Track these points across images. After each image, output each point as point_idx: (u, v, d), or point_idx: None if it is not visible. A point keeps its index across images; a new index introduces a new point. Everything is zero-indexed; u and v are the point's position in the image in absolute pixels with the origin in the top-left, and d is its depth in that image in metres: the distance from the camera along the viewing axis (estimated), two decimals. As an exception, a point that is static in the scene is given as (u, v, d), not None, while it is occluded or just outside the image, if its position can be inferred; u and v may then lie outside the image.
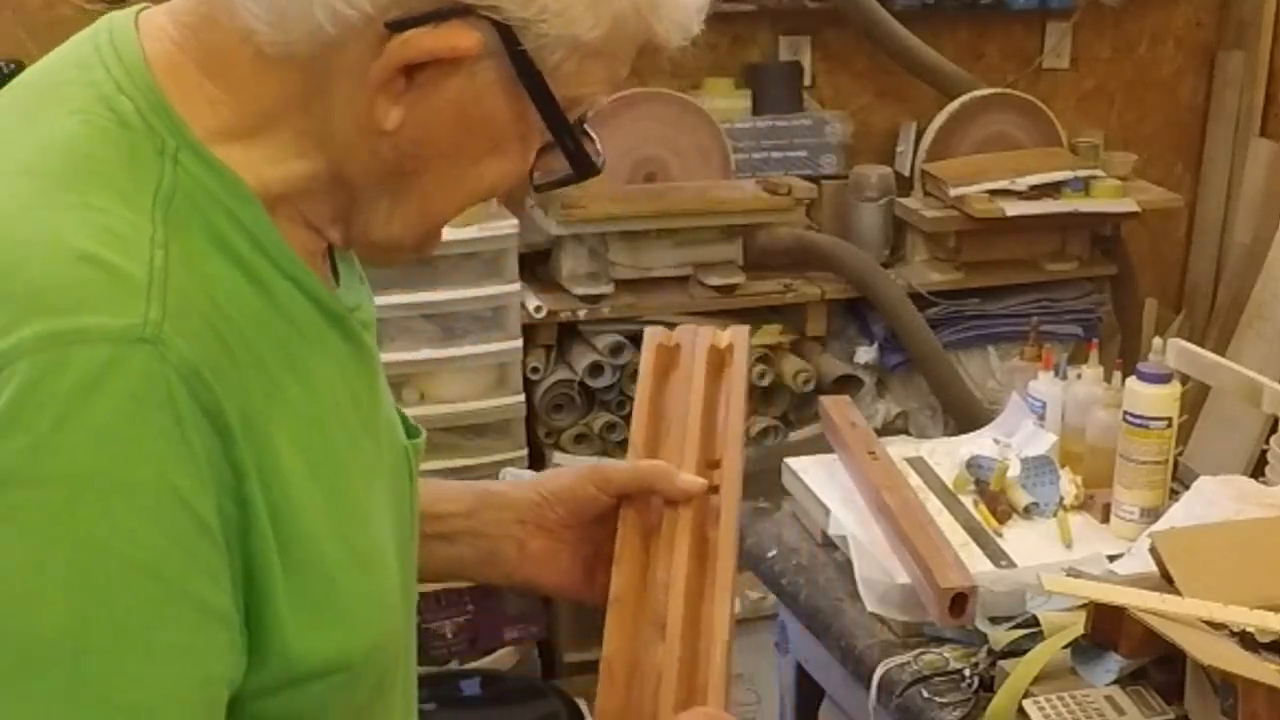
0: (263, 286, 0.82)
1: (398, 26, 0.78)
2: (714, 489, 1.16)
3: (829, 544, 1.90)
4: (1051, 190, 3.20)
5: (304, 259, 0.85)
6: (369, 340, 0.93)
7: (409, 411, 1.05)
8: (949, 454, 2.06)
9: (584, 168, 0.86)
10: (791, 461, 2.03)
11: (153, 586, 0.74)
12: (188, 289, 0.76)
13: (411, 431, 1.01)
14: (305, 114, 0.82)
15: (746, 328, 1.31)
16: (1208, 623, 1.54)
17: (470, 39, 0.79)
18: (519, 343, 2.90)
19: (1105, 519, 1.91)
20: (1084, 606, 1.58)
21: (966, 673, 1.62)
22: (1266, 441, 2.14)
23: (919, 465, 2.04)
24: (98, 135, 0.80)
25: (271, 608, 0.79)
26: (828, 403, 2.13)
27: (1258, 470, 2.14)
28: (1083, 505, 1.94)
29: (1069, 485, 1.95)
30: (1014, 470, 1.96)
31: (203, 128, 0.81)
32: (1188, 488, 1.90)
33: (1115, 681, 1.56)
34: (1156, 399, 1.84)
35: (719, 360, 1.27)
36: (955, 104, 3.30)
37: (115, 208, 0.77)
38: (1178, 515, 1.83)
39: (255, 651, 0.79)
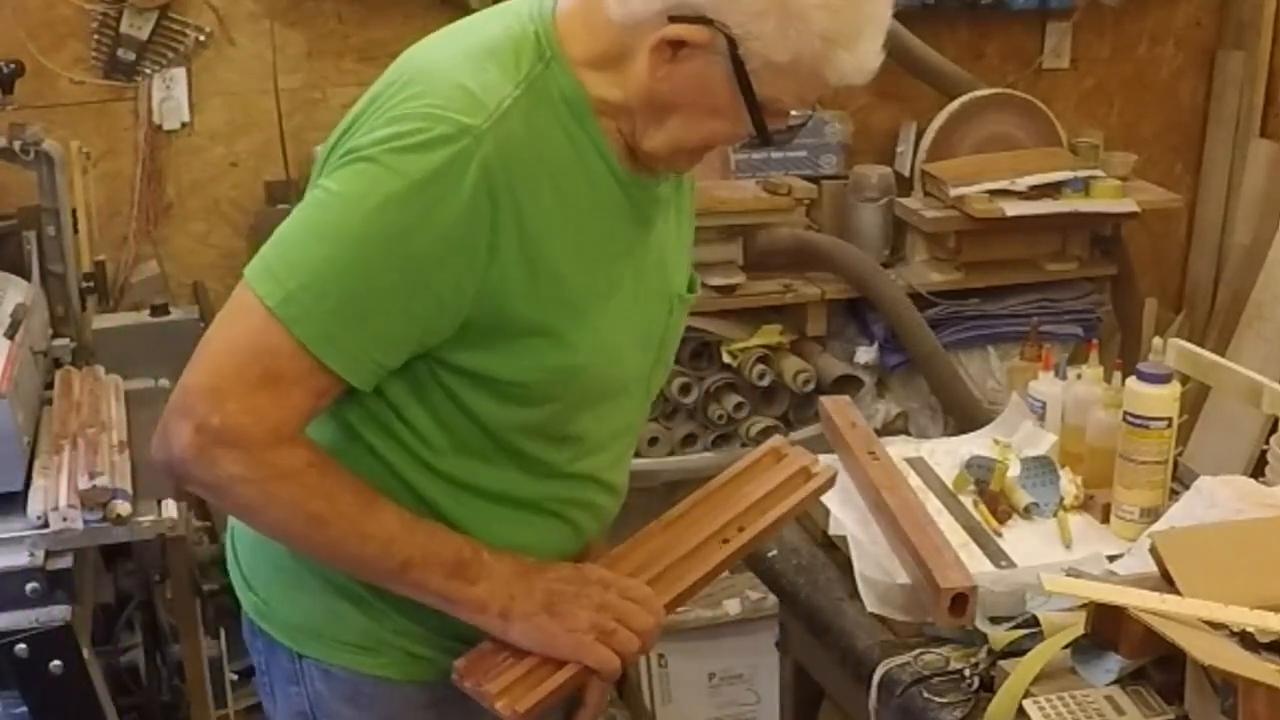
0: (575, 145, 1.35)
1: (671, 19, 1.29)
2: (725, 540, 1.57)
3: (829, 544, 1.90)
4: (1051, 190, 3.20)
5: (616, 148, 1.38)
6: (653, 209, 1.46)
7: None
8: (949, 454, 2.07)
9: (765, 139, 1.36)
10: (791, 461, 2.03)
11: (414, 267, 1.28)
12: (515, 126, 1.30)
13: (690, 286, 1.58)
14: (623, 59, 1.34)
15: (835, 473, 1.70)
16: (1208, 623, 1.54)
17: (702, 36, 1.29)
18: (519, 343, 2.90)
19: (1105, 519, 1.91)
20: (1084, 606, 1.58)
21: (966, 673, 1.62)
22: (1266, 441, 2.14)
23: (919, 465, 2.04)
24: (506, 38, 1.35)
25: (507, 293, 1.32)
26: (828, 403, 2.13)
27: (1258, 470, 2.14)
28: (1083, 505, 1.94)
29: (1069, 485, 1.95)
30: (1014, 470, 1.96)
31: (573, 54, 1.35)
32: (1188, 488, 1.90)
33: (1115, 681, 1.56)
34: (1156, 399, 1.84)
35: (803, 475, 1.66)
36: (955, 104, 3.30)
37: (495, 73, 1.32)
38: (1178, 515, 1.83)
39: (482, 321, 1.33)
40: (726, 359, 3.08)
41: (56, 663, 2.09)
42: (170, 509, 2.17)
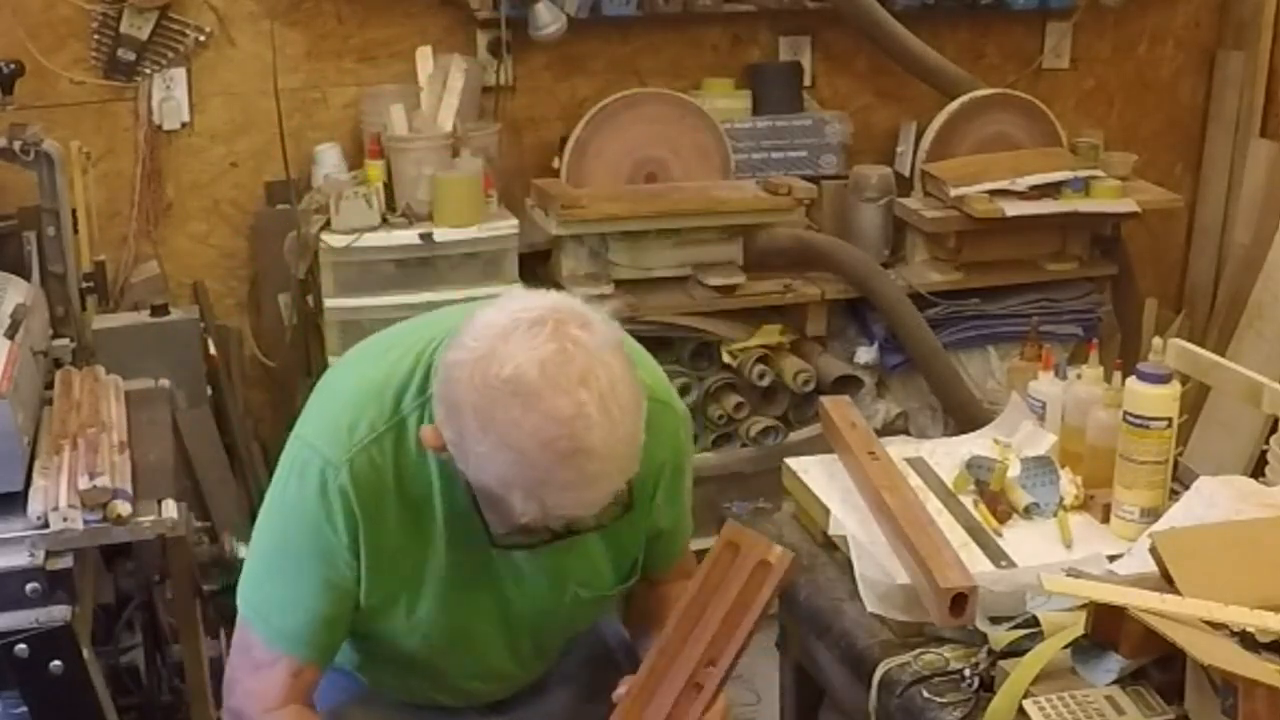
0: (425, 475, 1.57)
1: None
2: (698, 686, 1.60)
3: (829, 544, 1.90)
4: (1051, 190, 3.20)
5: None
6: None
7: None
8: (949, 454, 2.07)
9: (488, 536, 1.55)
10: (791, 461, 2.03)
11: (306, 566, 1.60)
12: (373, 456, 1.56)
13: (626, 575, 1.73)
14: None
15: (794, 556, 1.62)
16: (1208, 623, 1.54)
17: (438, 442, 1.48)
18: (519, 343, 2.90)
19: (1105, 519, 1.91)
20: (1084, 606, 1.58)
21: (966, 673, 1.62)
22: (1266, 441, 2.14)
23: (919, 465, 2.04)
24: (403, 376, 1.57)
25: (361, 585, 1.62)
26: (828, 403, 2.13)
27: (1258, 470, 2.14)
28: (1083, 505, 1.94)
29: (1069, 485, 1.95)
30: (1014, 470, 1.96)
31: None
32: (1188, 488, 1.90)
33: (1115, 681, 1.56)
34: (1156, 399, 1.84)
35: (763, 569, 1.61)
36: (955, 104, 3.30)
37: (371, 414, 1.56)
38: (1178, 515, 1.83)
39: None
40: (726, 359, 3.08)
41: (56, 663, 2.09)
42: (170, 509, 2.16)
